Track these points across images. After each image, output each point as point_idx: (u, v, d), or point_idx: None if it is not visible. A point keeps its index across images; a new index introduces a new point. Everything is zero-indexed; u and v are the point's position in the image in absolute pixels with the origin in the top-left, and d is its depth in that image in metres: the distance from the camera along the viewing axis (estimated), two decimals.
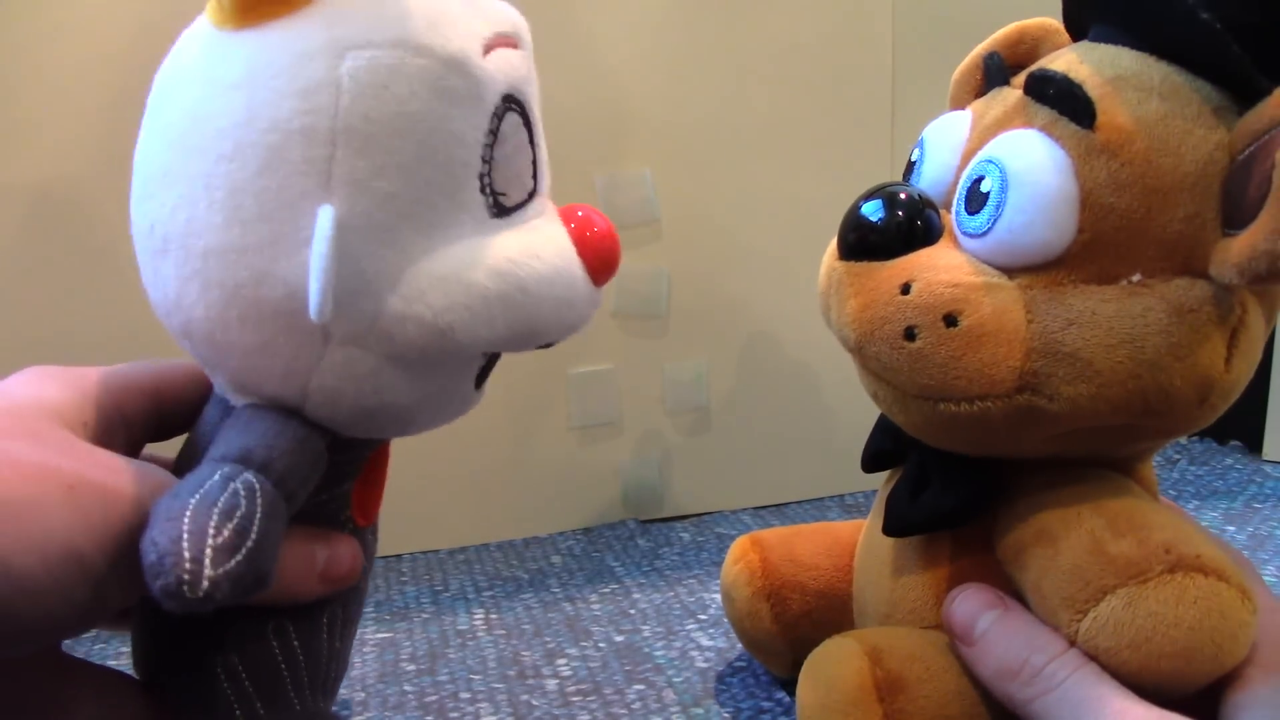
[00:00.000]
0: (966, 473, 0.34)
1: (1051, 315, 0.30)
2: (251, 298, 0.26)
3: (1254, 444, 0.71)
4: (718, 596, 0.56)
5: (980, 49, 0.39)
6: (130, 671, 0.31)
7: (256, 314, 0.26)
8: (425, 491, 0.65)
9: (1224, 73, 0.30)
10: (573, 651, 0.51)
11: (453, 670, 0.50)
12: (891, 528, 0.36)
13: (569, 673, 0.49)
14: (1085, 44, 0.34)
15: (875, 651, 0.33)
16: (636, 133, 0.64)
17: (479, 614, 0.56)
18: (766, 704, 0.45)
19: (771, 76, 0.65)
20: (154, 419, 0.31)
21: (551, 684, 0.48)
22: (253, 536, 0.24)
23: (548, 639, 0.52)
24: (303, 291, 0.25)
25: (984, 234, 0.31)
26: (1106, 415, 0.30)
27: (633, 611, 0.55)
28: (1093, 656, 0.29)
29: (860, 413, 0.73)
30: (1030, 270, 0.31)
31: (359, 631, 0.54)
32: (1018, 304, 0.30)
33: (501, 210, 0.28)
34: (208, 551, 0.23)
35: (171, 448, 0.33)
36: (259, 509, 0.25)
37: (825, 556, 0.44)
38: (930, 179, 0.35)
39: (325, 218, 0.25)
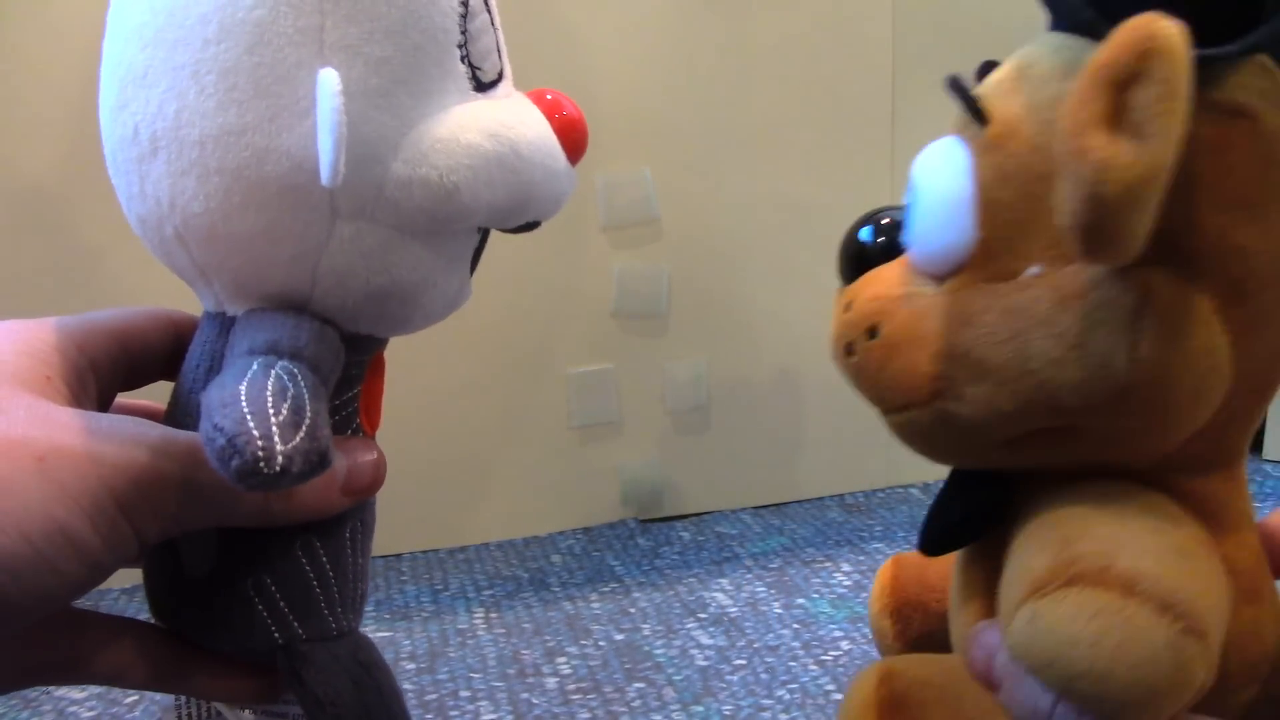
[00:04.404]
0: (972, 485, 0.34)
1: (953, 318, 0.30)
2: (255, 178, 0.26)
3: (1254, 444, 0.71)
4: (718, 595, 0.56)
5: None
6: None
7: (261, 195, 0.26)
8: (425, 491, 0.65)
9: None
10: (573, 650, 0.51)
11: (453, 669, 0.50)
12: (921, 545, 0.35)
13: (569, 671, 0.49)
14: (1046, 34, 0.34)
15: (889, 673, 0.33)
16: (636, 133, 0.64)
17: (479, 613, 0.56)
18: (766, 701, 0.45)
19: (771, 76, 0.65)
20: (122, 364, 0.31)
21: (551, 682, 0.48)
22: (308, 414, 0.24)
23: (548, 638, 0.52)
24: (308, 163, 0.25)
25: (909, 245, 0.32)
26: (1015, 416, 0.29)
27: (632, 610, 0.55)
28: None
29: (861, 413, 0.73)
30: (949, 275, 0.31)
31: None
32: (933, 311, 0.30)
33: (480, 85, 0.29)
34: (274, 428, 0.23)
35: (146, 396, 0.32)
36: (305, 390, 0.25)
37: (947, 580, 0.43)
38: None
39: (330, 79, 0.25)
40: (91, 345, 0.30)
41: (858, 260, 0.34)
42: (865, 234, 0.35)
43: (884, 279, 0.32)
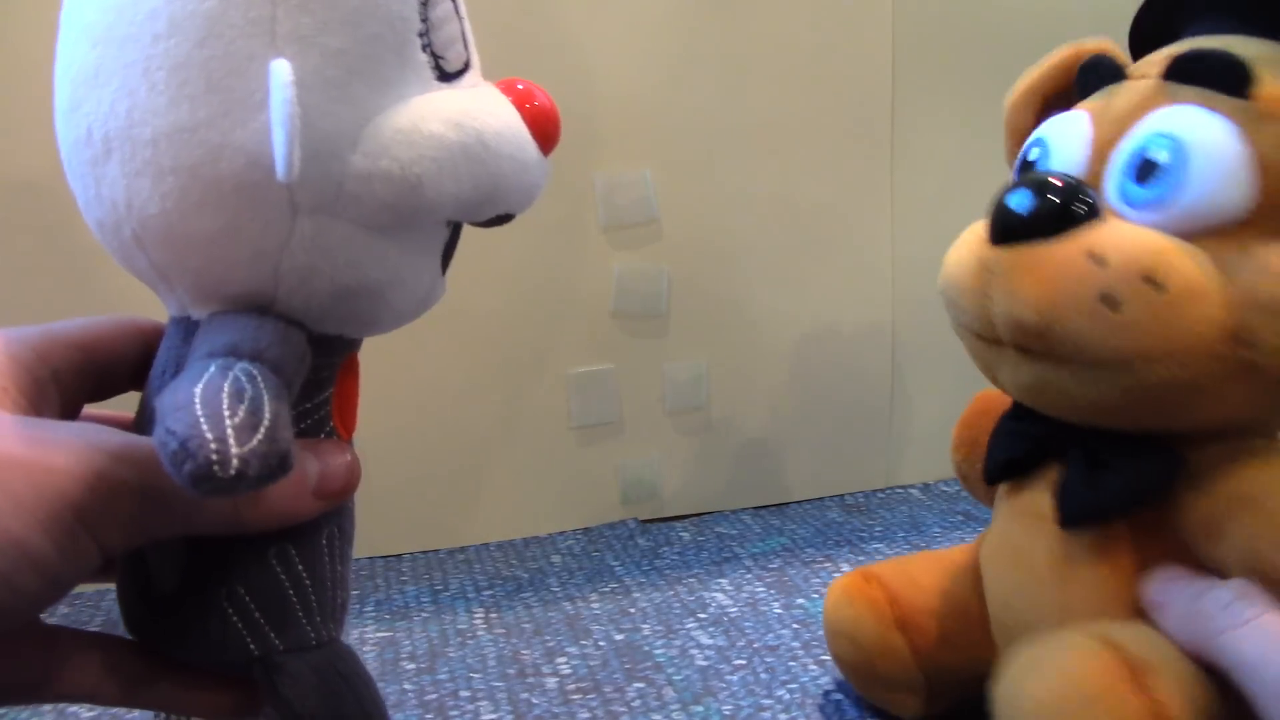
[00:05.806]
0: (1151, 447, 0.34)
1: (1252, 270, 0.31)
2: (210, 176, 0.25)
3: None
4: (717, 595, 0.56)
5: (1036, 74, 0.40)
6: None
7: (218, 193, 0.25)
8: (425, 491, 0.65)
9: None
10: (572, 650, 0.51)
11: (453, 669, 0.50)
12: (1075, 517, 0.35)
13: (569, 671, 0.49)
14: (1197, 38, 0.35)
15: (1109, 641, 0.31)
16: (636, 133, 0.64)
17: (479, 613, 0.56)
18: (766, 701, 0.45)
19: (771, 76, 0.65)
20: (89, 375, 0.30)
21: (551, 682, 0.48)
22: (266, 416, 0.23)
23: (547, 638, 0.52)
24: (265, 158, 0.25)
25: (1162, 204, 0.32)
26: None
27: (632, 610, 0.55)
28: None
29: (861, 413, 0.73)
30: (1213, 235, 0.32)
31: (359, 631, 0.54)
32: (1210, 264, 0.31)
33: (444, 75, 0.28)
34: (229, 431, 0.22)
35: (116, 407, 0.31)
36: (264, 391, 0.24)
37: (947, 579, 0.42)
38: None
39: (281, 70, 0.24)
40: (53, 355, 0.29)
41: (1031, 218, 0.33)
42: (1021, 198, 0.34)
43: (1135, 233, 0.32)
